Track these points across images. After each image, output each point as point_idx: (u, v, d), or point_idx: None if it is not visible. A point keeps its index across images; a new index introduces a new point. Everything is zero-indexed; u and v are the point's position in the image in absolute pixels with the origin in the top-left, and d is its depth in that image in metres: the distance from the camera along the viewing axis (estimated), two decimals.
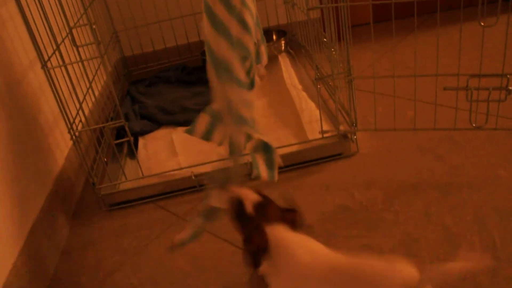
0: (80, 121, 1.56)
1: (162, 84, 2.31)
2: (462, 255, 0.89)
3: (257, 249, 0.93)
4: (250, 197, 0.99)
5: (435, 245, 1.19)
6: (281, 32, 2.46)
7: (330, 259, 0.90)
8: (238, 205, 0.99)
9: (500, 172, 1.40)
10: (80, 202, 1.65)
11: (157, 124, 1.97)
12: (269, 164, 1.20)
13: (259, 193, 1.01)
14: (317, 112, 1.62)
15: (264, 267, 0.94)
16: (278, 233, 0.94)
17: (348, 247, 1.25)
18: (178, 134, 1.87)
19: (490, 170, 1.42)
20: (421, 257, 1.17)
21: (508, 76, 1.46)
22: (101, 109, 2.00)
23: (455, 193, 1.35)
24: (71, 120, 1.49)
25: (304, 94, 1.96)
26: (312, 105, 1.85)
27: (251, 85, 1.24)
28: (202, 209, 1.10)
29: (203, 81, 2.23)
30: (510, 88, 1.47)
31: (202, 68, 2.33)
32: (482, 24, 1.36)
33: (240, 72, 1.11)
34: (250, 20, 1.14)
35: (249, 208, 0.97)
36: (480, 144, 1.53)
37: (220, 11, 1.09)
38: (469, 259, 0.82)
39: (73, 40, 1.45)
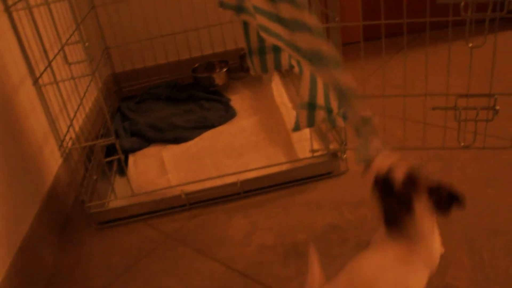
0: (71, 138, 1.56)
1: (152, 101, 2.31)
2: None
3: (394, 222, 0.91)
4: (400, 167, 0.92)
5: None
6: None
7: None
8: (385, 175, 0.93)
9: (487, 190, 1.41)
10: (69, 220, 1.64)
11: (147, 141, 1.97)
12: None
13: (407, 163, 0.94)
14: (307, 130, 1.62)
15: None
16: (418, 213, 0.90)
17: (339, 266, 1.25)
18: (168, 152, 1.87)
19: (478, 188, 1.43)
20: None
21: (495, 96, 1.48)
22: (91, 125, 1.99)
23: None
24: (62, 137, 1.48)
25: (294, 112, 1.97)
26: None
27: None
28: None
29: (194, 99, 2.24)
30: (497, 107, 1.49)
31: (193, 85, 2.35)
32: (470, 45, 1.39)
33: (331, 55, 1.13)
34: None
35: (398, 179, 0.91)
36: (468, 163, 1.54)
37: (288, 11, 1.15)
38: None
39: (65, 57, 1.45)
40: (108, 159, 1.63)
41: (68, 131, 1.54)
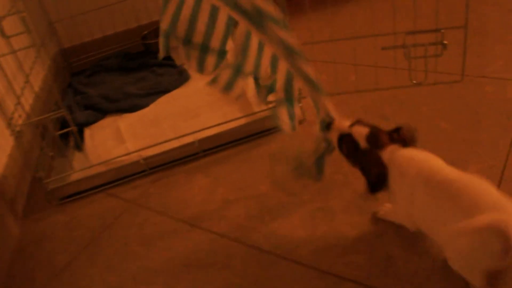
0: (20, 116, 1.51)
1: (104, 73, 2.26)
2: None
3: (377, 178, 1.01)
4: (360, 130, 1.05)
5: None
6: None
7: (439, 170, 0.98)
8: (349, 141, 1.07)
9: (442, 124, 1.44)
10: (29, 199, 1.60)
11: (102, 113, 1.92)
12: (291, 115, 1.30)
13: (363, 123, 1.07)
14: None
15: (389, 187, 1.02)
16: (392, 154, 1.01)
17: (302, 212, 1.26)
18: (124, 121, 1.84)
19: (432, 124, 1.45)
20: (373, 213, 1.19)
21: (442, 30, 1.49)
22: (43, 104, 1.93)
23: None
24: (9, 115, 1.44)
25: None
26: None
27: None
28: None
29: (146, 66, 2.19)
30: (445, 42, 1.50)
31: (144, 53, 2.30)
32: None
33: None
34: None
35: (362, 142, 1.04)
36: (422, 100, 1.56)
37: None
38: None
39: (2, 31, 1.39)
40: (61, 131, 1.59)
41: (15, 109, 1.49)
